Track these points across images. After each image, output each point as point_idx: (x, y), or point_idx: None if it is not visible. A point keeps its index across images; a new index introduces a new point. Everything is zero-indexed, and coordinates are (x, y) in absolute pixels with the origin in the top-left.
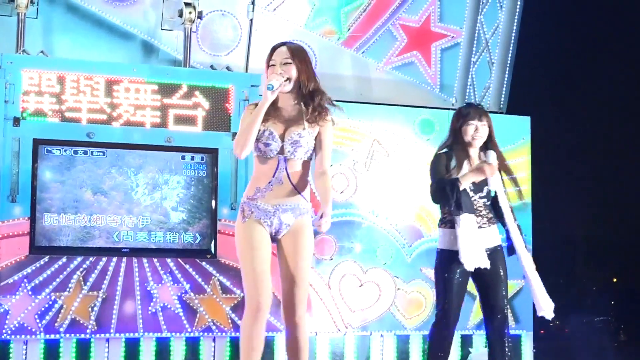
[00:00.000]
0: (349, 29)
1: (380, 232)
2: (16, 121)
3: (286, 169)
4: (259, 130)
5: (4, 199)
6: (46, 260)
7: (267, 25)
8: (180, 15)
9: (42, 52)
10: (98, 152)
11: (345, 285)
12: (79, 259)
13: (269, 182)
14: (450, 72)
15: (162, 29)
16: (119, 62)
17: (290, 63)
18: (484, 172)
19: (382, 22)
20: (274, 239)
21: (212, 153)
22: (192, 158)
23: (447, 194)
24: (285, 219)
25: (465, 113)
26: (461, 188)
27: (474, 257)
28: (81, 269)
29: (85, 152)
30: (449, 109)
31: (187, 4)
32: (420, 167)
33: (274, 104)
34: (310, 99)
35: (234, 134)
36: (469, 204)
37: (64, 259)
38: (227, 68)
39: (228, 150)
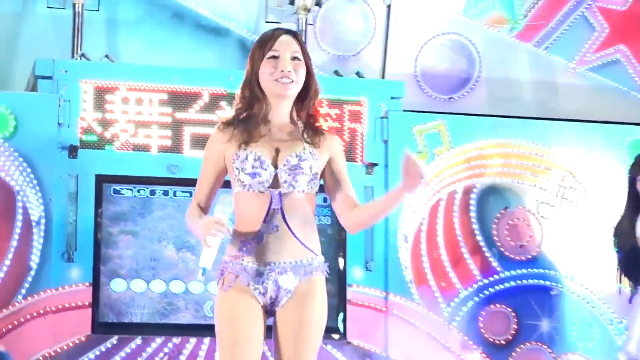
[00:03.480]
0: (525, 16)
1: (577, 302)
2: (73, 151)
3: (282, 209)
4: (238, 156)
5: (57, 258)
6: (114, 341)
7: (410, 12)
8: (292, 3)
9: (106, 56)
10: (183, 192)
11: None
12: (159, 339)
13: (259, 231)
14: None
15: (266, 22)
16: (209, 67)
17: (300, 60)
18: None
19: (573, 5)
20: (270, 311)
21: None
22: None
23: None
24: (284, 282)
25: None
26: None
27: None
28: (162, 354)
29: (165, 193)
30: None
31: None
32: None
33: (264, 117)
34: (311, 113)
35: (370, 166)
36: None
37: (139, 340)
38: (358, 74)
39: (362, 188)
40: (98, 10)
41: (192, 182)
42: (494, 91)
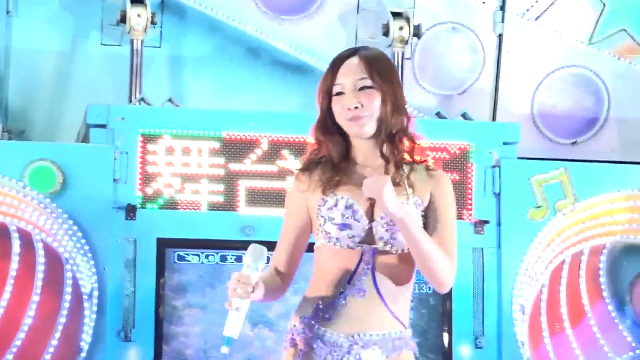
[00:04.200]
0: None
1: None
2: (131, 211)
3: (373, 270)
4: (325, 202)
5: (112, 337)
6: None
7: (525, 42)
8: (386, 34)
9: (170, 100)
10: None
11: None
12: None
13: (341, 293)
14: None
15: None
16: (289, 110)
17: (371, 87)
18: None
19: None
20: None
21: None
22: None
23: None
24: (368, 358)
25: None
26: None
27: None
28: None
29: (238, 259)
30: None
31: (396, 15)
32: None
33: (349, 157)
34: (389, 139)
35: (479, 223)
36: None
37: None
38: (464, 116)
39: (470, 250)
40: (160, 47)
41: (269, 246)
42: (626, 133)
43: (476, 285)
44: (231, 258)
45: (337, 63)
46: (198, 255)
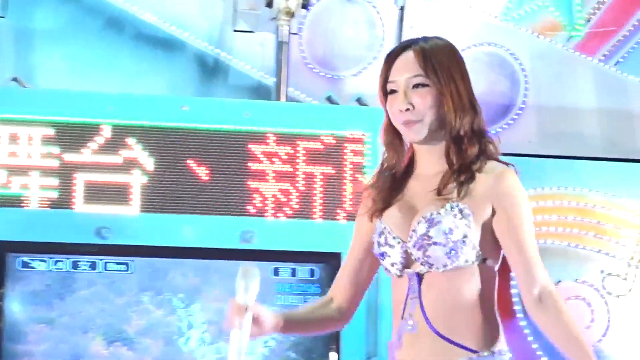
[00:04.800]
0: (588, 20)
1: None
2: None
3: (420, 298)
4: (375, 229)
5: None
6: None
7: (431, 17)
8: (270, 5)
9: (15, 79)
10: (117, 264)
11: None
12: None
13: (398, 331)
14: None
15: (235, 31)
16: (156, 93)
17: (426, 86)
18: None
19: None
20: None
21: (329, 262)
22: (293, 272)
23: None
24: None
25: None
26: None
27: None
28: None
29: (92, 266)
30: None
31: None
32: None
33: (412, 168)
34: (456, 142)
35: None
36: None
37: None
38: (359, 100)
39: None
40: (4, 17)
41: (129, 250)
42: (545, 123)
43: (369, 299)
44: (84, 265)
45: (391, 57)
46: (45, 261)
